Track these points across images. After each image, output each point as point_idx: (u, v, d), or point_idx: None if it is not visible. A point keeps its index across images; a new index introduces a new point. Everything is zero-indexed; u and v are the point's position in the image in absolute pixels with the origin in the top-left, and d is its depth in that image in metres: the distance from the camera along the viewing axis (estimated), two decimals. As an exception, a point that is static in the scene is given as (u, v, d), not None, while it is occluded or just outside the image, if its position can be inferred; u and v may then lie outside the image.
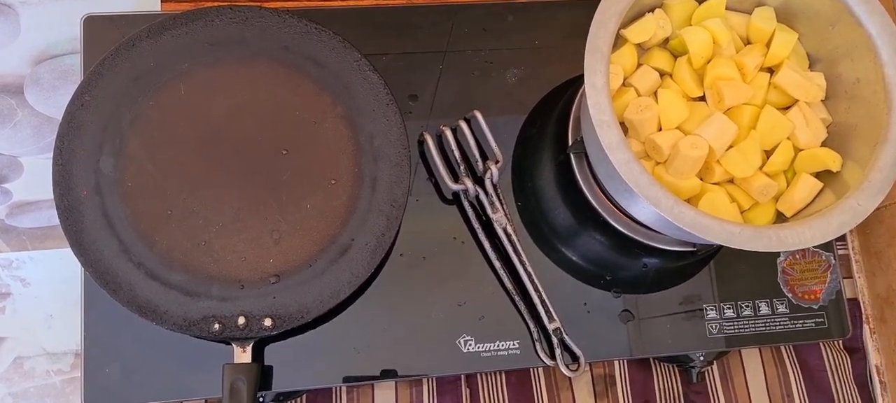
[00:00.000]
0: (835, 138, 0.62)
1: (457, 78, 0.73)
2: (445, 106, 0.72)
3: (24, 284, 0.70)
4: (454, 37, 0.74)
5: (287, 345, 0.64)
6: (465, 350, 0.66)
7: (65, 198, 0.61)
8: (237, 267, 0.61)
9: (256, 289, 0.61)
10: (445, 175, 0.66)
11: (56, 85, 0.74)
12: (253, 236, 0.62)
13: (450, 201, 0.70)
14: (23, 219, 0.71)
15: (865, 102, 0.60)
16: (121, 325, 0.63)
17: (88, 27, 0.69)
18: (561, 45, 0.75)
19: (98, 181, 0.61)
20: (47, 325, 0.70)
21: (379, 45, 0.72)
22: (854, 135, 0.60)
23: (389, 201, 0.63)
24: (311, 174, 0.64)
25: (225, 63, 0.65)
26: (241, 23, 0.66)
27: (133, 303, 0.59)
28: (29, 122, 0.73)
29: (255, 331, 0.60)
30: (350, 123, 0.65)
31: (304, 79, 0.66)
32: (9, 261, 0.70)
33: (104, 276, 0.60)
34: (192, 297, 0.60)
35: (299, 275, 0.61)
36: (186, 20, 0.65)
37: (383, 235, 0.63)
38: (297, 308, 0.61)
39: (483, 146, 0.68)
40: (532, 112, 0.73)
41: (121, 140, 0.62)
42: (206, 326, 0.59)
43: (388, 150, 0.64)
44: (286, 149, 0.64)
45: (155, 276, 0.60)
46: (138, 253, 0.60)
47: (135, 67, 0.64)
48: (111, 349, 0.63)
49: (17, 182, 0.72)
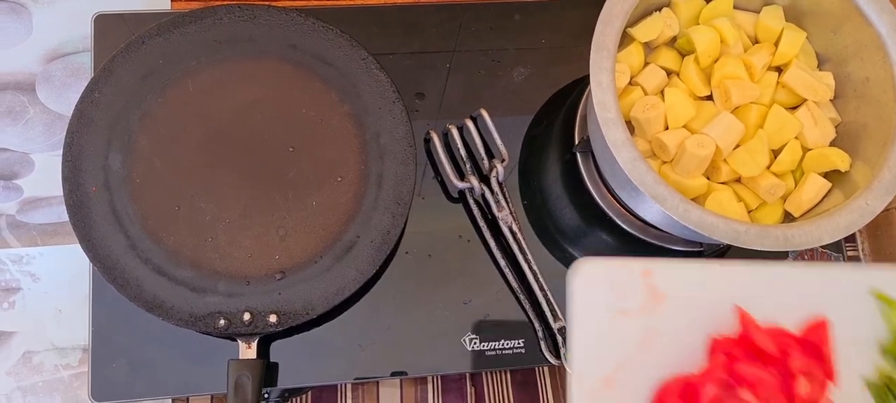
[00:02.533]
0: (844, 138, 0.62)
1: (464, 77, 0.73)
2: (452, 104, 0.72)
3: (33, 279, 0.71)
4: (462, 36, 0.74)
5: (292, 342, 0.64)
6: (470, 349, 0.65)
7: (74, 194, 0.61)
8: (243, 264, 0.61)
9: (262, 286, 0.61)
10: (451, 173, 0.66)
11: (68, 82, 0.75)
12: (259, 233, 0.62)
13: (455, 200, 0.70)
14: (33, 215, 0.72)
15: (875, 102, 0.59)
16: (128, 320, 0.63)
17: (99, 25, 0.70)
18: (568, 45, 0.75)
19: (107, 177, 0.62)
20: (56, 320, 0.70)
21: (386, 44, 0.72)
22: (863, 135, 0.60)
23: (395, 199, 0.64)
24: (317, 171, 0.64)
25: (233, 61, 0.66)
26: (249, 21, 0.66)
27: (140, 299, 0.60)
28: (40, 119, 0.74)
29: (261, 327, 0.60)
30: (357, 121, 0.65)
31: (311, 77, 0.66)
32: (19, 256, 0.71)
33: (112, 271, 0.60)
34: (199, 293, 0.60)
35: (305, 272, 0.62)
36: (195, 18, 0.66)
37: (389, 233, 0.63)
38: (302, 304, 0.61)
39: (489, 145, 0.68)
40: (538, 111, 0.73)
41: (129, 137, 0.63)
42: (212, 322, 0.60)
43: (394, 148, 0.65)
44: (293, 146, 0.64)
45: (162, 272, 0.61)
46: (146, 248, 0.61)
47: (144, 65, 0.65)
48: (118, 344, 0.63)
49: (28, 178, 0.73)
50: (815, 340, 0.48)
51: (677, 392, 0.46)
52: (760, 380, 0.46)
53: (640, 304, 0.47)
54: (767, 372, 0.46)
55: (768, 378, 0.46)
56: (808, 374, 0.46)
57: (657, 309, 0.47)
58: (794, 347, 0.47)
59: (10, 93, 0.74)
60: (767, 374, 0.46)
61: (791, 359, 0.46)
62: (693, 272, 0.49)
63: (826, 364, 0.47)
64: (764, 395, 0.45)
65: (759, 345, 0.46)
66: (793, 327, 0.48)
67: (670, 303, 0.47)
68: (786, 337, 0.47)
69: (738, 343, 0.47)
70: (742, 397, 0.46)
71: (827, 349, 0.48)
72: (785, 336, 0.47)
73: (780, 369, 0.46)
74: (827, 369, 0.47)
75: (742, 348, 0.47)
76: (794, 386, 0.46)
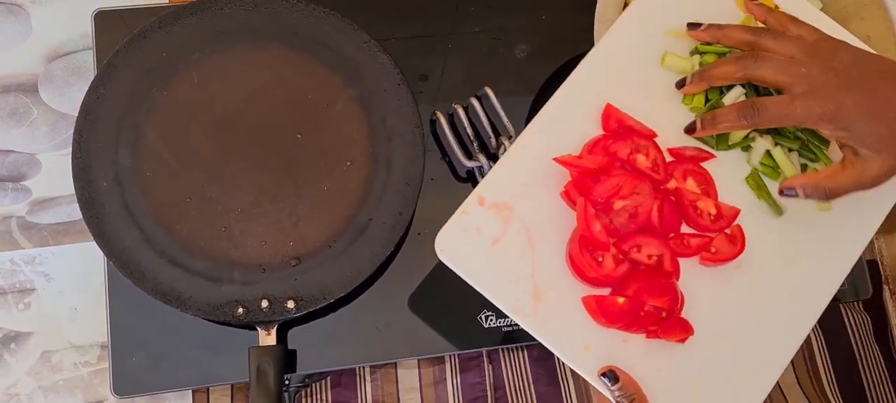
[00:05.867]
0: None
1: (465, 57, 0.73)
2: (455, 85, 0.72)
3: (47, 279, 0.71)
4: (460, 16, 0.74)
5: (310, 328, 0.65)
6: (487, 326, 0.66)
7: (85, 191, 0.61)
8: (258, 252, 0.62)
9: (278, 272, 0.61)
10: (459, 153, 0.66)
11: (70, 81, 0.74)
12: (272, 220, 0.62)
13: (465, 179, 0.70)
14: (43, 215, 0.72)
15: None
16: (145, 314, 0.64)
17: (99, 22, 0.69)
18: (569, 19, 0.75)
19: (117, 172, 0.62)
20: (72, 318, 0.71)
21: (386, 28, 0.72)
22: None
23: (405, 180, 0.64)
24: (326, 156, 0.64)
25: (236, 50, 0.66)
26: (250, 9, 0.66)
27: (157, 291, 0.60)
28: (45, 120, 0.74)
29: (279, 314, 0.60)
30: (362, 105, 0.65)
31: (315, 63, 0.66)
32: (31, 257, 0.71)
33: (128, 266, 0.60)
34: (216, 283, 0.61)
35: (319, 257, 0.62)
36: (196, 10, 0.66)
37: (401, 214, 0.63)
38: (318, 289, 0.61)
39: (495, 123, 0.68)
40: (542, 87, 0.73)
41: (137, 131, 0.63)
42: (231, 310, 0.60)
43: (401, 130, 0.65)
44: (300, 132, 0.65)
45: (177, 264, 0.61)
46: (160, 241, 0.61)
47: (147, 59, 0.65)
48: (137, 338, 0.64)
49: (36, 179, 0.73)
50: (613, 124, 0.53)
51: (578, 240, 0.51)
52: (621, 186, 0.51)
53: (498, 224, 0.51)
54: (617, 179, 0.51)
55: (624, 180, 0.51)
56: (637, 149, 0.52)
57: (510, 213, 0.51)
58: (607, 143, 0.52)
59: (13, 95, 0.74)
60: (618, 180, 0.51)
61: (618, 152, 0.52)
62: (506, 167, 0.53)
63: (636, 130, 0.53)
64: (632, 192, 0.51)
65: (589, 166, 0.51)
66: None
67: (515, 200, 0.52)
68: (594, 146, 0.53)
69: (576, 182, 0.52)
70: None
71: (625, 117, 0.53)
72: (593, 146, 0.53)
73: (616, 165, 0.52)
74: (641, 132, 0.53)
75: (578, 185, 0.52)
76: (637, 164, 0.52)
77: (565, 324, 0.50)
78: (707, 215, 0.52)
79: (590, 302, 0.50)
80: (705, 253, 0.52)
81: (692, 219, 0.52)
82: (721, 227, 0.52)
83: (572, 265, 0.51)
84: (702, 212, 0.52)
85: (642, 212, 0.51)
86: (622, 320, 0.49)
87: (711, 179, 0.53)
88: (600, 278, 0.50)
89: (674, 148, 0.53)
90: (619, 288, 0.50)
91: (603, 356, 0.49)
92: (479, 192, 0.52)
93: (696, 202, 0.52)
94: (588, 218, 0.50)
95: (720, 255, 0.52)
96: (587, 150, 0.53)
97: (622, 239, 0.51)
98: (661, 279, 0.50)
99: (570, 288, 0.51)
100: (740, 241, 0.52)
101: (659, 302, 0.50)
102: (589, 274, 0.50)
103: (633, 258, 0.51)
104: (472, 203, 0.52)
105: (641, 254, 0.51)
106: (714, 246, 0.52)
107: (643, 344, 0.50)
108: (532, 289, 0.50)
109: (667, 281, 0.51)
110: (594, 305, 0.50)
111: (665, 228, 0.52)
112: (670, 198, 0.52)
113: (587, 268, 0.50)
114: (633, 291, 0.50)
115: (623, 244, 0.51)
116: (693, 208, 0.52)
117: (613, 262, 0.50)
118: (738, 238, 0.52)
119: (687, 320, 0.50)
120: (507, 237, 0.51)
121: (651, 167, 0.52)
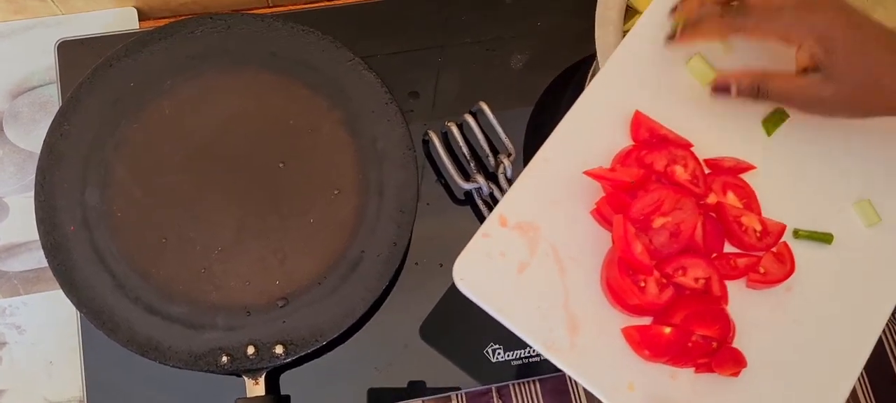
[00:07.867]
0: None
1: (457, 71, 0.70)
2: (448, 101, 0.69)
3: (19, 332, 0.67)
4: (449, 28, 0.71)
5: (304, 371, 0.61)
6: (495, 360, 0.62)
7: (50, 236, 0.58)
8: (242, 293, 0.58)
9: (264, 315, 0.58)
10: (455, 174, 0.63)
11: (36, 118, 0.70)
12: (256, 258, 0.59)
13: (462, 202, 0.66)
14: (12, 263, 0.68)
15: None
16: (123, 366, 0.60)
17: (63, 53, 0.66)
18: (567, 24, 0.72)
19: (85, 214, 0.59)
20: (47, 373, 0.66)
21: (371, 44, 0.69)
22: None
23: (398, 207, 0.60)
24: (312, 185, 0.61)
25: (210, 75, 0.62)
26: (223, 31, 0.63)
27: (133, 342, 0.56)
28: (11, 160, 0.69)
29: (267, 360, 0.56)
30: (349, 127, 0.62)
31: (296, 85, 0.63)
32: (2, 309, 0.67)
33: (100, 316, 0.57)
34: (196, 329, 0.57)
35: (309, 296, 0.58)
36: (165, 34, 0.62)
37: (395, 244, 0.59)
38: (309, 331, 0.57)
39: (492, 140, 0.65)
40: (540, 98, 0.70)
41: (105, 168, 0.60)
42: (214, 359, 0.56)
43: (392, 153, 0.61)
44: (283, 161, 0.61)
45: (154, 310, 0.57)
46: (134, 287, 0.58)
47: (114, 89, 0.61)
48: (115, 393, 0.60)
49: (4, 224, 0.68)
50: (644, 133, 0.48)
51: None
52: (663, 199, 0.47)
53: (524, 247, 0.46)
54: (657, 194, 0.46)
55: (665, 193, 0.46)
56: (674, 160, 0.47)
57: (537, 234, 0.46)
58: (641, 154, 0.48)
59: (-24, 135, 0.69)
60: (658, 194, 0.46)
61: (655, 164, 0.47)
62: (529, 183, 0.47)
63: (670, 139, 0.48)
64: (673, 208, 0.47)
65: (625, 179, 0.47)
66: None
67: (540, 219, 0.46)
68: (625, 158, 0.48)
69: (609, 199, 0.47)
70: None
71: (657, 126, 0.48)
72: (624, 157, 0.48)
73: (653, 178, 0.47)
74: (676, 141, 0.48)
75: (612, 201, 0.47)
76: (675, 177, 0.47)
77: (605, 360, 0.44)
78: (752, 232, 0.47)
79: (632, 333, 0.45)
80: (753, 274, 0.47)
81: (736, 237, 0.47)
82: (768, 245, 0.47)
83: (610, 291, 0.45)
84: (747, 229, 0.47)
85: (685, 230, 0.46)
86: (669, 353, 0.44)
87: (753, 192, 0.48)
88: (643, 305, 0.45)
89: (710, 159, 0.49)
90: (663, 317, 0.45)
91: (649, 395, 0.44)
92: (499, 211, 0.46)
93: (739, 218, 0.47)
94: (628, 239, 0.44)
95: (770, 276, 0.46)
96: (619, 162, 0.48)
97: (664, 260, 0.46)
98: (710, 305, 0.45)
99: (607, 318, 0.45)
100: (790, 260, 0.47)
101: (709, 332, 0.44)
102: (630, 302, 0.45)
103: (678, 282, 0.45)
104: (493, 224, 0.46)
105: (687, 278, 0.45)
106: (762, 265, 0.47)
107: (691, 380, 0.45)
108: (567, 321, 0.45)
109: (717, 308, 0.45)
110: (637, 337, 0.44)
111: (708, 248, 0.47)
112: (711, 214, 0.48)
113: (628, 295, 0.44)
114: (680, 320, 0.44)
115: (666, 266, 0.46)
116: (737, 224, 0.47)
117: (657, 287, 0.45)
118: (786, 256, 0.47)
119: (739, 350, 0.45)
120: (535, 262, 0.45)
121: (690, 180, 0.47)
